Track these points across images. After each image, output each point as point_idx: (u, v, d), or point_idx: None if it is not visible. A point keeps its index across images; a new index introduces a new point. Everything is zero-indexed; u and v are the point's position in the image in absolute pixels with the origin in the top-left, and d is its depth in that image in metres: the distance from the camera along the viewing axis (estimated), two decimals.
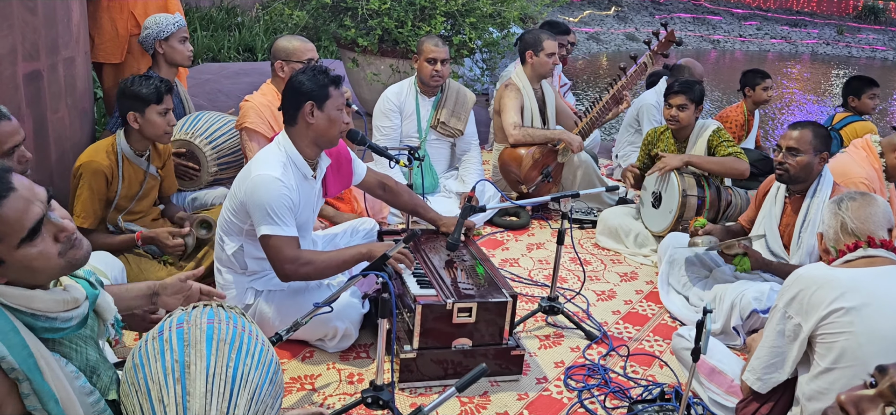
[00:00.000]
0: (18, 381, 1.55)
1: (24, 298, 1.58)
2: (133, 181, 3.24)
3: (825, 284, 2.22)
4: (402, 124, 4.55)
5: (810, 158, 3.26)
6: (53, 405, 1.58)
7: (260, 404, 1.83)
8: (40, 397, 1.57)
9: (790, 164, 3.29)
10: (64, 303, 1.66)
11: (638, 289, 3.91)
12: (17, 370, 1.53)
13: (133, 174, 3.23)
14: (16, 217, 1.52)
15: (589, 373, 3.03)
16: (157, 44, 3.84)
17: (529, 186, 4.65)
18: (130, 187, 3.23)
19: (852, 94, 5.31)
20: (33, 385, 1.55)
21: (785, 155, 3.30)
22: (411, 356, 2.80)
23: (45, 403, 1.57)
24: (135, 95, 3.09)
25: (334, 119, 2.80)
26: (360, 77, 6.27)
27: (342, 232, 3.39)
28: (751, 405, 2.44)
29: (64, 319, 1.66)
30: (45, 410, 1.58)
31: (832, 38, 19.45)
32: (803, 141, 3.25)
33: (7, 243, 1.52)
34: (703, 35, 18.35)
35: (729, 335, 3.28)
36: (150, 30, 3.84)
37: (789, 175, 3.31)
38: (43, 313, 1.61)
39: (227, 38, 9.43)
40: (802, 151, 3.26)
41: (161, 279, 3.13)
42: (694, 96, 4.11)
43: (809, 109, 10.66)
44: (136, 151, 3.23)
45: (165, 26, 3.83)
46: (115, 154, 3.17)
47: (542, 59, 4.68)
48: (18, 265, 1.55)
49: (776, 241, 3.47)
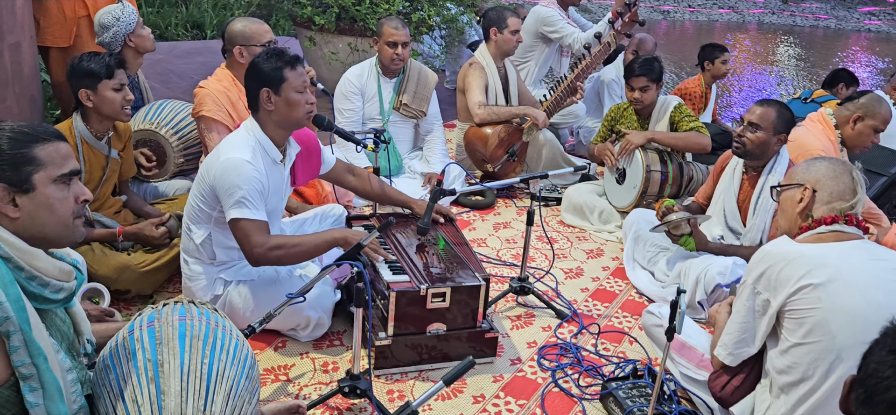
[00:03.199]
0: (9, 334, 1.52)
1: (28, 255, 1.60)
2: (94, 166, 3.12)
3: (793, 261, 2.26)
4: (364, 107, 4.49)
5: (768, 136, 3.30)
6: (42, 361, 1.56)
7: (237, 399, 1.80)
8: (30, 350, 1.54)
9: (748, 138, 3.33)
10: (60, 271, 1.66)
11: (604, 265, 3.96)
12: (10, 319, 1.51)
13: (94, 159, 3.12)
14: (64, 155, 1.69)
15: (561, 352, 3.07)
16: (127, 38, 3.69)
17: (495, 165, 4.65)
18: (93, 173, 3.12)
19: None
20: (25, 337, 1.53)
21: (744, 128, 3.34)
22: (386, 343, 2.78)
23: (34, 357, 1.55)
24: (85, 72, 2.98)
25: (293, 102, 2.73)
26: (317, 56, 6.16)
27: (311, 218, 3.34)
28: (722, 378, 2.50)
29: (54, 288, 1.64)
30: (33, 364, 1.55)
31: (777, 7, 19.86)
32: (765, 119, 3.30)
33: (47, 173, 1.65)
34: (653, 6, 18.54)
35: (694, 310, 3.35)
36: (115, 27, 3.64)
37: (745, 149, 3.35)
38: (41, 275, 1.61)
39: (174, 15, 9.14)
40: (762, 127, 3.30)
41: (122, 263, 3.06)
42: (655, 76, 4.15)
43: (758, 78, 10.90)
44: (96, 133, 3.10)
45: (129, 18, 3.67)
46: (74, 138, 3.05)
47: (507, 36, 4.66)
48: (42, 201, 1.64)
49: (734, 216, 3.54)
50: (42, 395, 1.56)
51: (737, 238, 3.54)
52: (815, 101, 5.40)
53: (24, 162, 1.62)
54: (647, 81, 4.14)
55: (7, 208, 1.61)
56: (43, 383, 1.57)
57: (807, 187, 2.42)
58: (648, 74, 4.13)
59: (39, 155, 1.64)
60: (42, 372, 1.57)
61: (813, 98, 5.46)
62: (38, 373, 1.56)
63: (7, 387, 1.55)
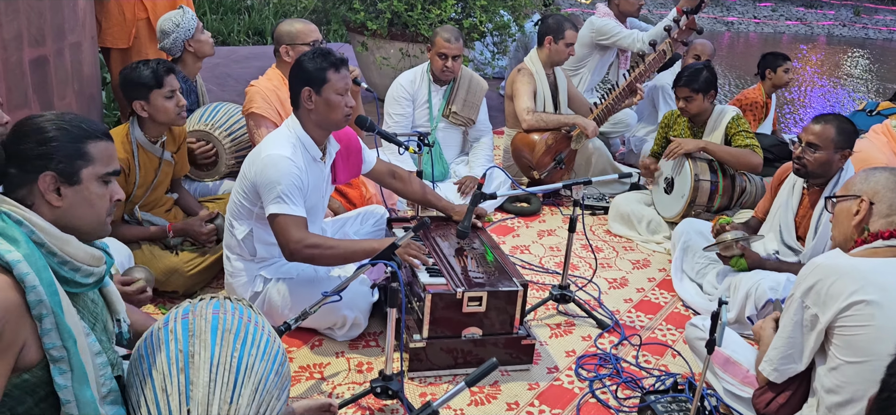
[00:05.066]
0: (42, 317, 1.56)
1: (61, 241, 1.64)
2: (148, 169, 3.19)
3: (845, 275, 2.15)
4: (414, 112, 4.50)
5: (830, 154, 3.14)
6: (72, 344, 1.60)
7: (265, 394, 1.81)
8: (61, 333, 1.59)
9: (808, 159, 3.17)
10: (90, 256, 1.70)
11: (650, 276, 3.86)
12: (43, 302, 1.55)
13: (148, 162, 3.18)
14: (111, 155, 1.76)
15: (600, 362, 3.00)
16: (187, 43, 3.79)
17: (541, 172, 4.60)
18: (146, 176, 3.19)
19: None
20: (56, 320, 1.58)
21: (804, 149, 3.18)
22: (421, 346, 2.77)
23: (64, 339, 1.59)
24: (135, 83, 3.01)
25: (333, 104, 2.75)
26: (369, 61, 6.22)
27: (353, 218, 3.36)
28: (766, 394, 2.39)
29: (85, 272, 1.68)
30: (64, 346, 1.59)
31: (848, 19, 19.15)
32: (824, 137, 3.14)
33: (95, 170, 1.71)
34: (717, 17, 18.12)
35: (743, 325, 3.22)
36: (175, 33, 3.76)
37: (807, 171, 3.20)
38: (72, 260, 1.64)
39: (236, 22, 9.39)
40: (822, 147, 3.14)
41: (171, 266, 3.13)
42: (699, 86, 4.02)
43: (826, 92, 10.51)
44: (151, 138, 3.16)
45: (188, 24, 3.78)
46: (130, 144, 3.10)
47: (561, 47, 4.62)
48: (85, 195, 1.70)
49: (790, 232, 3.40)
50: (71, 378, 1.60)
51: (794, 255, 3.40)
52: (880, 113, 5.17)
53: (76, 156, 1.67)
54: (690, 91, 4.03)
55: (51, 196, 1.65)
56: (72, 366, 1.61)
57: (864, 199, 2.31)
58: (691, 84, 4.02)
59: (91, 151, 1.69)
60: (72, 355, 1.60)
61: (878, 110, 5.23)
62: (67, 356, 1.60)
63: (40, 368, 1.60)
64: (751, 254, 3.29)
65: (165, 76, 3.04)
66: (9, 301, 1.51)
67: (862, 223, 2.29)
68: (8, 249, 1.54)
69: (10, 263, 1.52)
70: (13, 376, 1.57)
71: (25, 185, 1.64)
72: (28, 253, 1.56)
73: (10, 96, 3.10)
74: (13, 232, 1.57)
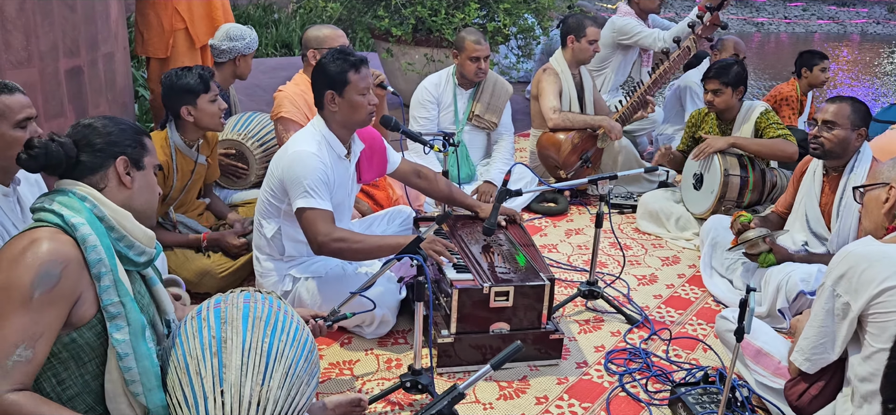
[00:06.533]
0: (100, 275, 1.72)
1: (121, 215, 1.81)
2: (184, 172, 3.27)
3: (877, 262, 2.12)
4: (439, 116, 4.52)
5: (847, 132, 3.15)
6: (129, 300, 1.77)
7: (295, 378, 1.84)
8: (119, 290, 1.74)
9: (825, 138, 3.18)
10: (144, 235, 1.86)
11: (680, 273, 3.83)
12: (103, 260, 1.72)
13: (184, 165, 3.26)
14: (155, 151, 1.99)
15: (630, 357, 2.98)
16: (238, 58, 3.90)
17: (568, 172, 4.59)
18: (182, 178, 3.27)
19: None
20: (114, 276, 1.74)
21: (820, 128, 3.20)
22: (449, 341, 2.78)
23: (122, 295, 1.75)
24: (184, 89, 3.07)
25: (356, 105, 2.80)
26: (394, 67, 6.27)
27: (380, 218, 3.39)
28: (799, 385, 2.36)
29: (138, 250, 1.83)
30: (121, 302, 1.74)
31: (883, 16, 18.79)
32: (840, 115, 3.14)
33: (152, 159, 1.94)
34: (746, 18, 17.91)
35: (775, 318, 3.18)
36: (239, 43, 3.88)
37: (824, 149, 3.20)
38: (128, 235, 1.80)
39: (264, 35, 9.53)
40: (839, 124, 3.15)
41: (202, 268, 3.20)
42: (729, 79, 4.00)
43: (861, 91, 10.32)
44: (189, 142, 3.24)
45: (251, 44, 3.93)
46: (169, 147, 3.17)
47: (584, 45, 4.61)
48: (148, 181, 1.92)
49: (818, 221, 3.36)
50: (128, 331, 1.75)
51: (822, 244, 3.35)
52: None
53: (140, 145, 1.90)
54: (720, 84, 4.00)
55: (126, 179, 1.85)
56: (129, 321, 1.75)
57: (892, 186, 2.29)
58: (720, 77, 3.99)
59: (147, 144, 1.92)
60: (128, 311, 1.75)
61: None
62: (124, 311, 1.75)
63: (89, 328, 1.73)
64: (779, 248, 3.25)
65: (210, 81, 3.14)
66: (71, 254, 1.68)
67: (892, 210, 2.28)
68: (72, 214, 1.72)
69: (74, 225, 1.70)
70: (64, 335, 1.70)
71: (98, 171, 1.82)
72: (90, 219, 1.74)
73: (47, 106, 3.19)
74: (79, 205, 1.75)
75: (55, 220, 1.72)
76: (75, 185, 1.79)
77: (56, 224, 1.72)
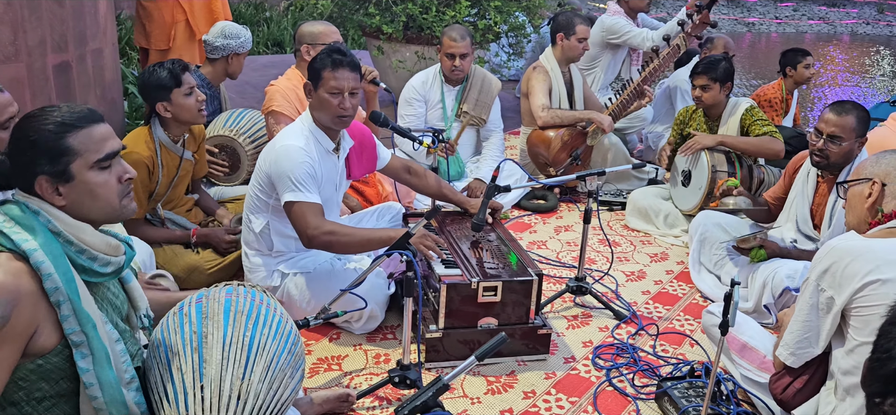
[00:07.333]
0: (59, 303, 1.58)
1: (76, 228, 1.65)
2: (170, 168, 3.25)
3: (860, 256, 2.14)
4: (426, 113, 4.52)
5: (852, 144, 3.11)
6: (91, 328, 1.63)
7: (277, 372, 1.84)
8: (79, 319, 1.61)
9: (831, 151, 3.12)
10: (107, 245, 1.71)
11: (668, 269, 3.85)
12: (60, 289, 1.58)
13: (170, 161, 3.25)
14: (99, 139, 1.69)
15: (618, 352, 3.00)
16: (230, 56, 3.89)
17: (558, 169, 4.60)
18: (168, 175, 3.25)
19: None
20: (74, 306, 1.60)
21: (826, 142, 3.12)
22: (437, 336, 2.79)
23: (83, 325, 1.62)
24: (155, 84, 3.05)
25: (324, 102, 2.80)
26: (385, 65, 6.27)
27: (369, 214, 3.39)
28: (783, 379, 2.38)
29: (102, 261, 1.69)
30: (83, 331, 1.62)
31: (872, 17, 18.90)
32: (846, 128, 3.09)
33: (84, 161, 1.66)
34: (738, 18, 17.98)
35: (760, 314, 3.21)
36: (234, 42, 3.88)
37: (828, 162, 3.16)
38: (89, 248, 1.66)
39: (256, 33, 9.52)
40: (845, 138, 3.09)
41: (191, 264, 3.20)
42: (717, 75, 4.02)
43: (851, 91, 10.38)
44: (173, 137, 3.22)
45: (245, 44, 3.92)
46: (153, 143, 3.16)
47: (573, 42, 4.62)
48: (84, 187, 1.67)
49: (806, 222, 3.37)
50: (92, 361, 1.64)
51: (811, 243, 3.37)
52: None
53: (59, 153, 1.64)
54: (708, 80, 4.03)
55: (53, 198, 1.66)
56: (92, 349, 1.64)
57: (875, 182, 2.32)
58: (709, 72, 4.02)
59: (73, 144, 1.65)
60: (91, 339, 1.63)
61: None
62: (87, 340, 1.63)
63: (55, 354, 1.63)
64: (770, 244, 3.27)
65: (182, 74, 3.09)
66: (22, 287, 1.54)
67: (875, 205, 2.30)
68: (25, 239, 1.57)
69: (26, 251, 1.55)
70: (27, 362, 1.60)
71: (31, 188, 1.66)
72: (44, 241, 1.59)
73: (35, 102, 3.18)
74: (31, 222, 1.60)
75: (8, 244, 1.57)
76: (27, 198, 1.65)
77: (9, 249, 1.57)
